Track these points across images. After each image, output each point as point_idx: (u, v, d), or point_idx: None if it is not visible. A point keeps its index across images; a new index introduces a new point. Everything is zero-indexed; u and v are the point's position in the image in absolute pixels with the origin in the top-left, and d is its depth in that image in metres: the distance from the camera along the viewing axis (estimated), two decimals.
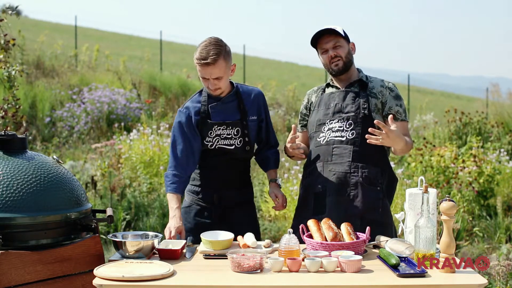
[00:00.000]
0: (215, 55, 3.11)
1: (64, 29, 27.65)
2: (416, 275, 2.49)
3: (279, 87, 17.17)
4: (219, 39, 3.19)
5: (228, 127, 3.28)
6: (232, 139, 3.29)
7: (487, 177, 6.99)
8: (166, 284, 2.43)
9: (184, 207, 3.38)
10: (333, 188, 3.20)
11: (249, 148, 3.33)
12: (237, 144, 3.29)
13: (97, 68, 15.36)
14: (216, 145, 3.28)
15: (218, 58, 3.12)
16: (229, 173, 3.32)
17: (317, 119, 3.31)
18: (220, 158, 3.30)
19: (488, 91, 19.02)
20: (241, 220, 3.31)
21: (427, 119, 12.46)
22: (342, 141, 3.22)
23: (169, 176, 3.23)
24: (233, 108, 3.30)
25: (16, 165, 2.70)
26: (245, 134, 3.30)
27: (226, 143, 3.29)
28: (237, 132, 3.29)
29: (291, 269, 2.59)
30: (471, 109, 12.75)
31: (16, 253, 2.53)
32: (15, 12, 4.31)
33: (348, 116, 3.22)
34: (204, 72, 3.15)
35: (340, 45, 3.25)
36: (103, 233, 5.82)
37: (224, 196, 3.32)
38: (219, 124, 3.27)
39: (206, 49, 3.12)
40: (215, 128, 3.27)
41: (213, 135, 3.28)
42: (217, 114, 3.28)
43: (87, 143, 10.13)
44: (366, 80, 3.30)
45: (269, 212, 6.86)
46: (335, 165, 3.21)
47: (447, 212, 2.56)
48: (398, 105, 3.26)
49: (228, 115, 3.29)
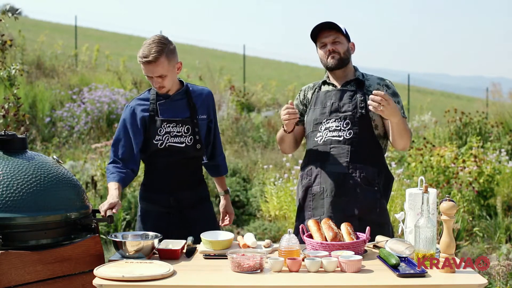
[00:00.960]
0: (156, 53, 3.13)
1: (64, 29, 27.65)
2: (416, 275, 2.49)
3: (279, 87, 17.16)
4: (164, 37, 3.22)
5: (178, 124, 3.26)
6: (182, 136, 3.27)
7: (487, 177, 6.99)
8: (166, 284, 2.43)
9: (140, 214, 3.36)
10: (331, 189, 3.19)
11: (199, 146, 3.31)
12: (188, 142, 3.27)
13: (97, 68, 15.36)
14: (166, 143, 3.26)
15: (159, 56, 3.13)
16: (182, 174, 3.29)
17: (314, 118, 3.29)
18: (171, 158, 3.27)
19: (488, 91, 19.03)
20: (199, 218, 3.30)
21: (426, 119, 12.45)
22: (340, 141, 3.20)
23: (110, 168, 3.24)
24: (183, 105, 3.30)
25: (16, 165, 2.70)
26: (196, 132, 3.29)
27: (176, 141, 3.26)
28: (187, 130, 3.27)
29: (291, 269, 2.59)
30: (471, 109, 12.75)
31: (16, 253, 2.53)
32: (15, 16, 4.30)
33: (345, 116, 3.20)
34: (147, 70, 3.17)
35: (339, 41, 3.24)
36: (103, 233, 5.82)
37: (181, 197, 3.29)
38: (168, 121, 3.26)
39: (148, 47, 3.15)
40: (164, 126, 3.26)
41: (162, 132, 3.26)
42: (166, 111, 3.28)
43: (87, 143, 10.12)
44: (362, 79, 3.29)
45: (269, 212, 6.85)
46: (333, 166, 3.20)
47: (447, 212, 2.56)
48: (396, 102, 3.19)
49: (177, 112, 3.29)
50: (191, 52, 27.77)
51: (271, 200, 6.84)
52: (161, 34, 3.24)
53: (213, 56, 25.85)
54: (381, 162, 3.27)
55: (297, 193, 3.43)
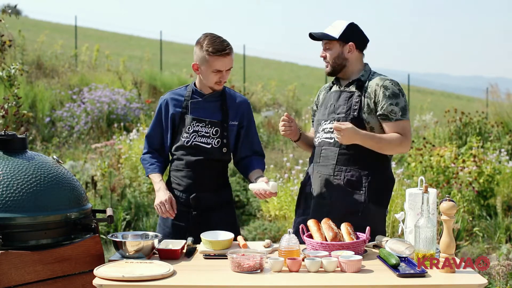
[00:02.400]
0: (229, 45, 3.18)
1: (64, 29, 27.65)
2: (416, 275, 2.49)
3: (279, 87, 17.16)
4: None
5: (207, 125, 3.26)
6: (210, 138, 3.26)
7: (487, 177, 6.99)
8: (166, 284, 2.43)
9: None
10: (317, 190, 3.21)
11: (226, 150, 3.29)
12: (214, 144, 3.26)
13: (97, 68, 15.36)
14: (193, 141, 3.25)
15: (232, 49, 3.19)
16: (206, 175, 3.27)
17: (317, 119, 3.33)
18: (195, 157, 3.25)
19: (488, 91, 19.01)
20: (220, 222, 3.25)
21: (426, 119, 12.46)
22: (330, 143, 3.20)
23: (147, 158, 3.33)
24: (215, 107, 3.29)
25: (16, 165, 2.70)
26: (224, 136, 3.27)
27: (203, 141, 3.26)
28: (215, 132, 3.26)
29: (291, 269, 2.59)
30: (471, 109, 12.75)
31: (16, 253, 2.53)
32: (14, 13, 4.30)
33: (338, 117, 3.18)
34: (221, 64, 3.17)
35: (329, 48, 3.23)
36: (103, 233, 5.82)
37: (201, 198, 3.27)
38: (198, 120, 3.26)
39: (219, 41, 3.17)
40: (193, 124, 3.26)
41: (190, 130, 3.26)
42: (197, 110, 3.28)
43: (87, 143, 10.12)
44: (365, 79, 3.23)
45: (269, 212, 6.85)
46: (321, 167, 3.22)
47: (447, 212, 2.56)
48: (394, 104, 3.09)
49: (208, 113, 3.28)
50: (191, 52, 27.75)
51: (271, 200, 6.84)
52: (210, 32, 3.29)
53: None
54: (375, 165, 3.15)
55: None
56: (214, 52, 3.13)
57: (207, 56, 3.14)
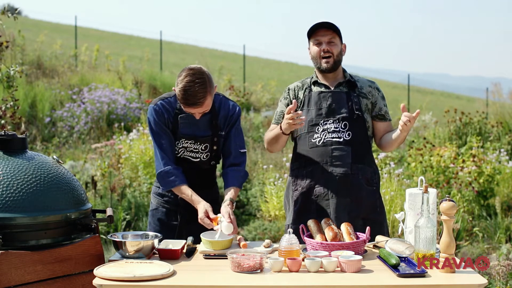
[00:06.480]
0: (203, 97, 3.01)
1: (64, 29, 27.65)
2: (416, 275, 2.49)
3: (279, 87, 17.15)
4: (200, 70, 3.04)
5: (197, 142, 3.23)
6: (199, 153, 3.26)
7: (487, 177, 6.99)
8: (166, 284, 2.43)
9: (150, 209, 3.39)
10: (335, 190, 3.21)
11: (214, 162, 3.31)
12: (203, 158, 3.27)
13: (97, 68, 15.35)
14: (182, 155, 3.26)
15: (206, 96, 3.03)
16: (194, 177, 3.26)
17: (309, 119, 3.29)
18: (184, 164, 3.26)
19: (488, 91, 19.01)
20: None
21: (426, 119, 12.45)
22: (340, 142, 3.23)
23: (171, 171, 3.16)
24: (205, 123, 3.23)
25: (16, 165, 2.70)
26: (213, 150, 3.27)
27: (191, 155, 3.26)
28: (205, 147, 3.25)
29: (291, 269, 2.59)
30: (471, 109, 12.74)
31: (16, 253, 2.53)
32: (14, 15, 4.30)
33: (342, 117, 3.24)
34: (195, 111, 3.08)
35: (334, 42, 3.27)
36: (103, 233, 5.82)
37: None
38: (187, 138, 3.23)
39: (193, 91, 2.98)
40: (182, 140, 3.23)
41: (179, 146, 3.24)
42: (187, 126, 3.22)
43: (87, 143, 10.12)
44: (353, 80, 3.33)
45: (269, 212, 6.85)
46: (336, 167, 3.22)
47: (447, 212, 2.56)
48: (385, 105, 3.36)
49: (198, 130, 3.23)
50: (191, 52, 27.76)
51: (271, 200, 6.84)
52: (195, 66, 3.06)
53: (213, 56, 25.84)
54: (374, 162, 3.37)
55: (289, 195, 3.39)
56: (185, 105, 3.05)
57: (179, 100, 3.06)
